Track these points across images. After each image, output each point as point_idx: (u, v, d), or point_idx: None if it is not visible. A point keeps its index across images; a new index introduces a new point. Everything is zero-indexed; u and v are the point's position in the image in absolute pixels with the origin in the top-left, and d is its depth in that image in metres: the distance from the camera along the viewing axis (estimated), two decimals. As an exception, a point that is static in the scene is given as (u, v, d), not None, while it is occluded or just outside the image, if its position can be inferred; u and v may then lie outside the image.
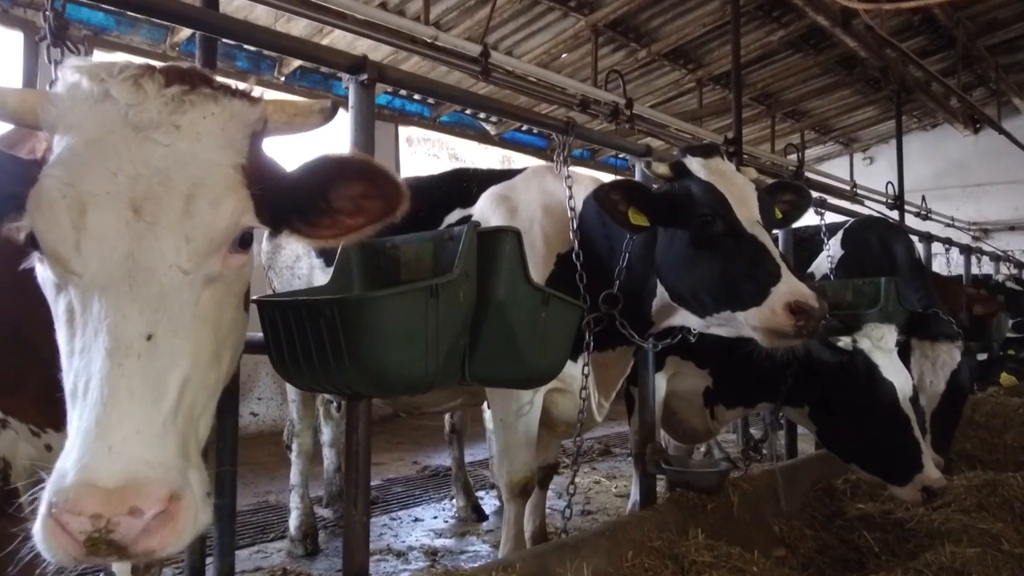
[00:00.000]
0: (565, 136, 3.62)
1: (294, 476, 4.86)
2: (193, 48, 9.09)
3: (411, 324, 1.94)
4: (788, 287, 2.71)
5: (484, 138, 12.20)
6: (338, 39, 8.94)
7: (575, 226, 3.40)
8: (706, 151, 3.12)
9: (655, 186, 3.29)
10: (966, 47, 11.73)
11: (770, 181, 3.65)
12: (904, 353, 4.68)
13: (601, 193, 3.02)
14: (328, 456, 5.30)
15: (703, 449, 7.63)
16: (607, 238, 3.43)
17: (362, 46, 9.02)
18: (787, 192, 3.29)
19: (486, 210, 3.76)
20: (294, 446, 4.82)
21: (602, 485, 6.49)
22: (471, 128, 11.97)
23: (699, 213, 2.98)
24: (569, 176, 3.51)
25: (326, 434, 5.23)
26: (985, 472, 4.82)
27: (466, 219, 3.83)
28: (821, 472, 4.64)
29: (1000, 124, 13.44)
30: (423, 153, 11.46)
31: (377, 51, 9.34)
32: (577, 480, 6.74)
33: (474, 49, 5.59)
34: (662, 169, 3.18)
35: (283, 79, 9.60)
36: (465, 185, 4.00)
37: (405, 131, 11.21)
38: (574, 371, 3.45)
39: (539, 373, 2.50)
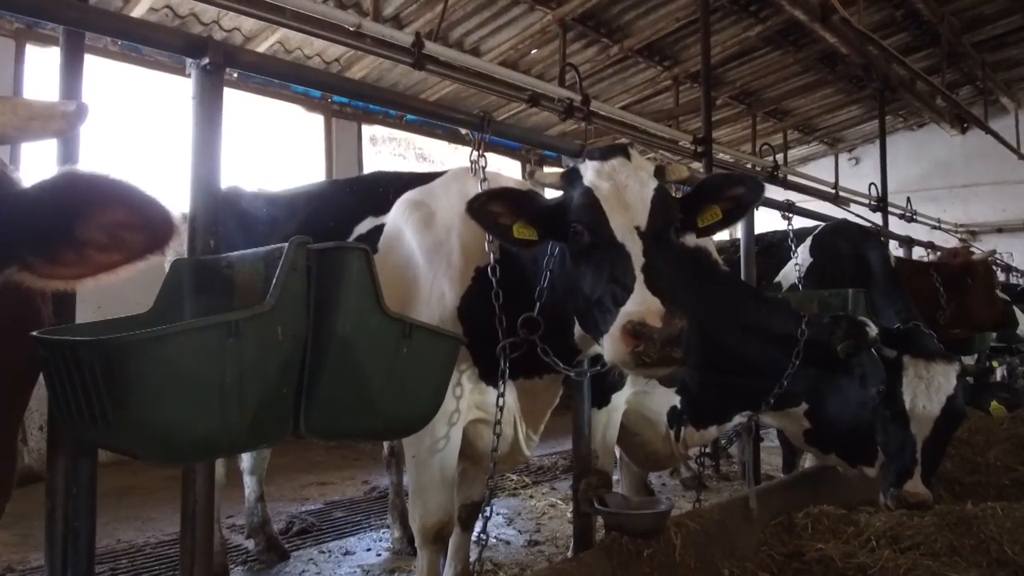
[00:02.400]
0: (480, 133, 3.21)
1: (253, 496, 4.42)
2: (142, 49, 8.50)
3: (199, 373, 1.51)
4: (632, 304, 2.28)
5: (455, 137, 11.75)
6: (289, 36, 8.51)
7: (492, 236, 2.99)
8: (606, 153, 2.70)
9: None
10: (951, 44, 11.35)
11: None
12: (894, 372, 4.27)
13: (476, 204, 2.60)
14: (248, 484, 4.86)
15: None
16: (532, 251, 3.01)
17: (322, 44, 8.60)
18: (734, 186, 2.83)
19: (398, 218, 3.34)
20: (203, 476, 4.37)
21: (558, 509, 6.04)
22: (440, 127, 11.53)
23: (569, 223, 2.59)
24: (485, 179, 3.12)
25: (245, 460, 4.79)
26: (962, 502, 4.43)
27: (378, 229, 3.41)
28: (781, 504, 4.23)
29: (987, 124, 13.08)
30: (388, 153, 11.02)
31: (331, 50, 8.93)
32: (532, 503, 6.38)
33: (406, 39, 5.16)
34: (549, 179, 2.79)
35: (236, 75, 9.13)
36: (381, 190, 3.58)
37: (369, 130, 10.76)
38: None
39: (401, 421, 2.06)
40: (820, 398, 3.64)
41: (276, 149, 9.73)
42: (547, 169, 2.93)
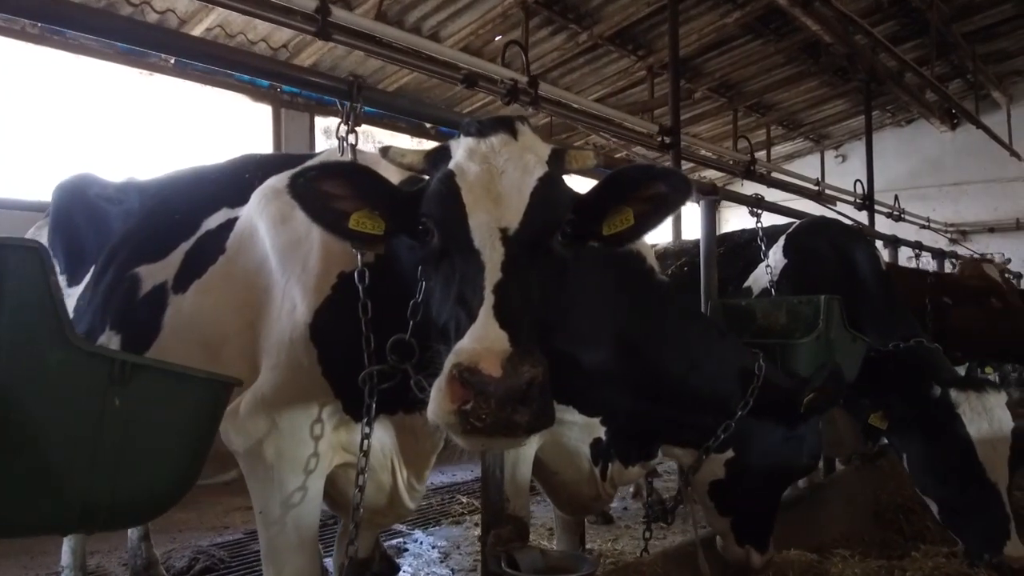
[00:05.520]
0: (350, 104, 2.58)
1: (65, 556, 3.76)
2: (67, 32, 7.76)
3: None
4: (468, 340, 1.65)
5: (418, 131, 11.07)
6: (231, 20, 7.85)
7: None
8: (487, 127, 2.03)
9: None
10: (941, 33, 10.75)
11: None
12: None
13: (302, 181, 1.97)
14: (131, 522, 4.19)
15: (632, 489, 6.59)
16: (413, 251, 2.37)
17: (266, 28, 7.94)
18: (653, 182, 2.12)
19: (253, 211, 2.71)
20: (62, 517, 3.71)
21: (504, 540, 5.40)
22: (402, 120, 10.85)
23: (418, 218, 1.97)
24: (354, 158, 2.51)
25: (126, 495, 4.13)
26: (952, 542, 3.84)
27: (230, 223, 2.77)
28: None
29: (978, 118, 12.51)
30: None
31: (277, 35, 8.26)
32: (476, 532, 5.72)
33: (309, 4, 4.48)
34: (409, 159, 2.15)
35: (172, 61, 8.45)
36: (247, 176, 2.95)
37: (323, 122, 10.07)
38: (372, 441, 2.43)
39: (117, 507, 1.39)
40: (748, 450, 2.97)
41: (219, 142, 9.04)
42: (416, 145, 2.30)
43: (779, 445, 2.97)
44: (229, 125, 9.19)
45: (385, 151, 2.18)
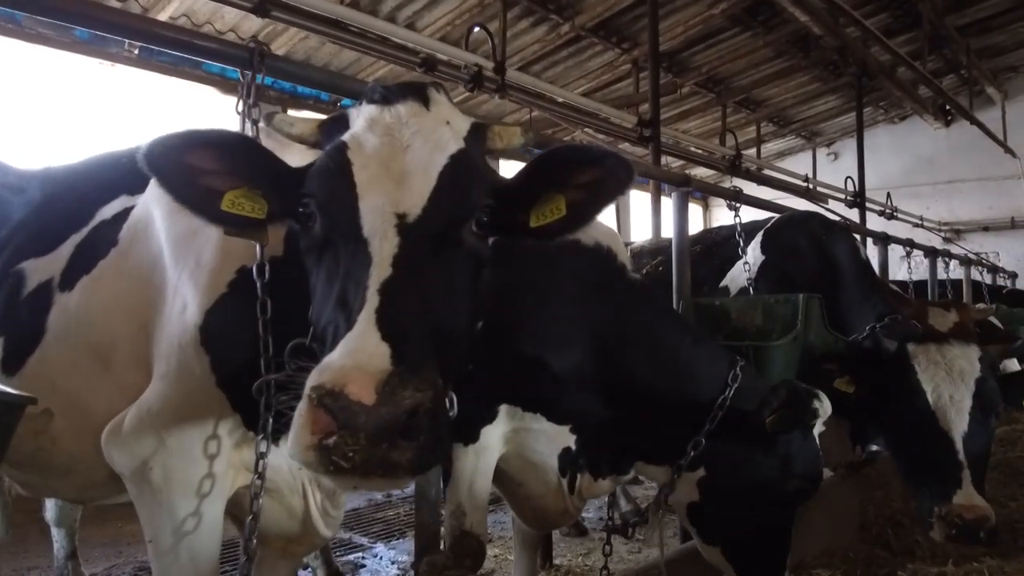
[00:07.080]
0: (251, 74, 2.28)
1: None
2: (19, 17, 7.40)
3: None
4: (337, 355, 1.32)
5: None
6: (196, 9, 7.55)
7: None
8: (393, 93, 1.72)
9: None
10: (934, 25, 10.49)
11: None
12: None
13: (160, 150, 1.64)
14: (56, 538, 3.90)
15: (606, 499, 6.29)
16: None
17: (234, 18, 7.62)
18: (588, 166, 1.77)
19: (151, 197, 2.40)
20: (-27, 535, 3.41)
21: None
22: (382, 114, 10.55)
23: (299, 197, 1.66)
24: (256, 137, 2.21)
25: (50, 510, 3.83)
26: (942, 557, 3.58)
27: (126, 213, 2.47)
28: (712, 567, 3.32)
29: (973, 115, 12.25)
30: (320, 142, 10.04)
31: (245, 24, 7.96)
32: (442, 545, 5.44)
33: (245, -20, 4.22)
34: (299, 128, 1.85)
35: (136, 52, 8.14)
36: (155, 162, 2.63)
37: (297, 115, 9.77)
38: (280, 461, 2.13)
39: None
40: (720, 469, 2.65)
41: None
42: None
43: (757, 465, 2.63)
44: (197, 118, 8.88)
45: (270, 118, 1.88)
